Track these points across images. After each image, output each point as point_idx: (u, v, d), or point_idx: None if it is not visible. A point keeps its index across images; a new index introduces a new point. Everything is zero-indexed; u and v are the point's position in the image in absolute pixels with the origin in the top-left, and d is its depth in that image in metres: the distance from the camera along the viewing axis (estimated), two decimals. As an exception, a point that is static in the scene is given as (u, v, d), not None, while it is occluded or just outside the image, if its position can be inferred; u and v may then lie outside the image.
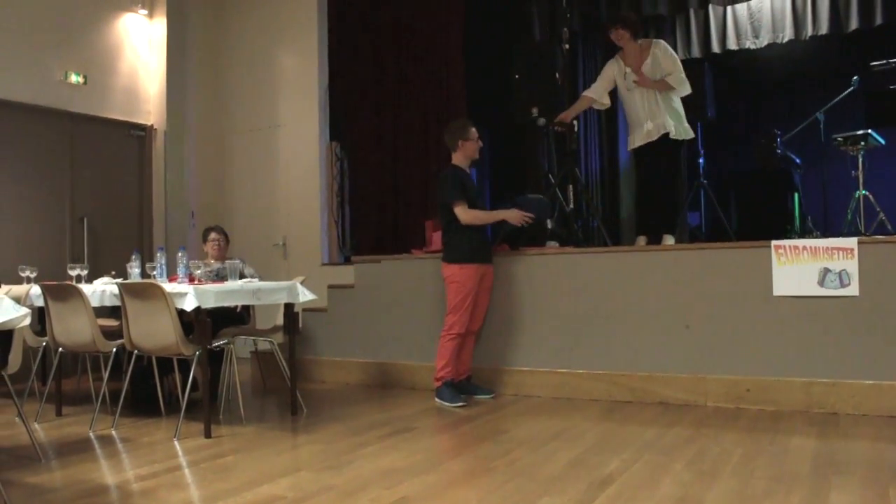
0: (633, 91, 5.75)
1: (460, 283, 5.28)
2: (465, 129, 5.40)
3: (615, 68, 5.85)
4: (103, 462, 3.91)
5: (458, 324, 5.31)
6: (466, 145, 5.39)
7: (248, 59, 8.37)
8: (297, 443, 4.38)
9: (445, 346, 5.32)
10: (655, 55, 5.69)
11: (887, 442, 3.96)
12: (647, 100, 5.70)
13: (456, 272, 5.29)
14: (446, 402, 5.26)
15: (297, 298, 5.05)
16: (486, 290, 5.48)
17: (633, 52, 5.76)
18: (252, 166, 8.35)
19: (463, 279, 5.28)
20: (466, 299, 5.29)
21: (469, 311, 5.31)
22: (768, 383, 4.84)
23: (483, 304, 5.49)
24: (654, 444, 4.00)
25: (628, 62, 5.78)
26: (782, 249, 4.85)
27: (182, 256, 4.96)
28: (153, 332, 4.52)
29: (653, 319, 5.22)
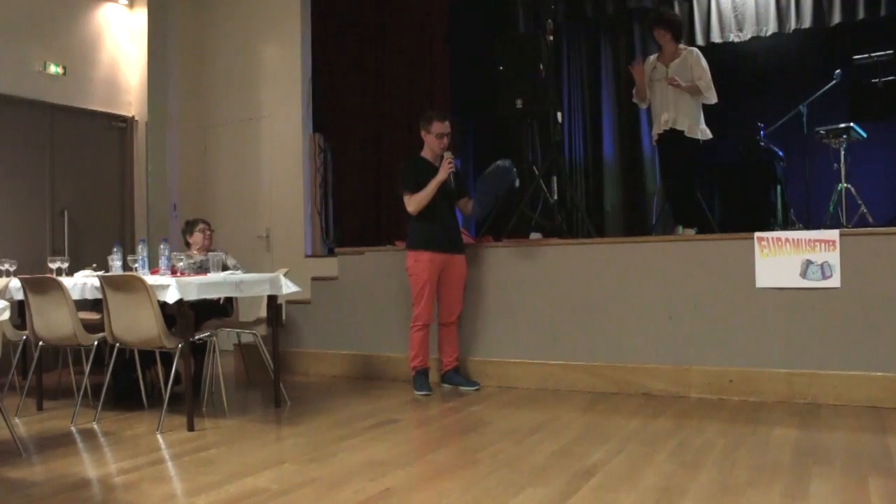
0: (656, 83, 5.99)
1: (416, 273, 5.36)
2: (428, 121, 5.43)
3: (649, 62, 6.12)
4: (85, 456, 3.90)
5: (421, 315, 5.37)
6: (428, 138, 5.43)
7: (230, 50, 8.32)
8: (281, 435, 4.38)
9: (412, 336, 5.43)
10: (686, 58, 5.93)
11: (867, 432, 4.00)
12: (666, 94, 5.92)
13: (411, 262, 5.39)
14: (415, 391, 5.39)
15: (281, 290, 5.04)
16: (453, 280, 5.46)
17: (670, 52, 6.01)
18: (235, 158, 8.31)
19: (418, 269, 5.34)
20: (424, 289, 5.34)
21: (429, 300, 5.36)
22: (751, 374, 4.88)
23: (453, 294, 5.49)
24: (638, 435, 4.02)
25: (662, 60, 6.04)
26: (765, 241, 4.89)
27: (164, 248, 4.93)
28: (135, 325, 4.50)
29: (636, 311, 5.25)
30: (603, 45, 8.52)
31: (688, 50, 6.02)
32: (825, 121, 6.42)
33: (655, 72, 6.02)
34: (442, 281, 5.43)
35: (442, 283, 5.44)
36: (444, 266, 5.40)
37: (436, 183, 5.30)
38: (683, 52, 5.98)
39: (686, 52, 5.99)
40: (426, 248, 5.34)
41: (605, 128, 8.49)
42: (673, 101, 5.89)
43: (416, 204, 5.33)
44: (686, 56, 5.94)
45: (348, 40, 7.89)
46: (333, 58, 7.95)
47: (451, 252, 5.44)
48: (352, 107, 7.88)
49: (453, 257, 5.46)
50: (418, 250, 5.35)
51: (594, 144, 8.54)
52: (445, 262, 5.41)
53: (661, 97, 5.96)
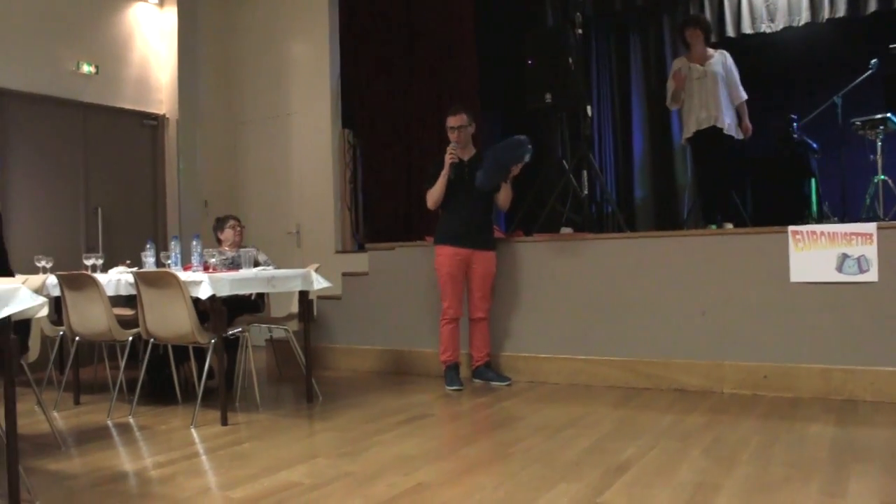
0: (693, 82, 6.03)
1: (438, 267, 5.43)
2: None
3: (680, 63, 6.16)
4: (121, 449, 3.95)
5: (448, 309, 5.42)
6: None
7: (258, 47, 8.37)
8: (314, 430, 4.40)
9: (441, 330, 5.49)
10: (721, 60, 6.05)
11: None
12: (706, 92, 5.97)
13: (435, 256, 5.46)
14: (446, 385, 5.41)
15: (312, 286, 5.07)
16: (477, 276, 5.45)
17: (700, 52, 6.09)
18: (264, 154, 8.36)
19: (439, 264, 5.41)
20: (447, 283, 5.38)
21: (455, 295, 5.39)
22: (786, 370, 4.82)
23: (478, 290, 5.47)
24: (671, 431, 4.00)
25: (694, 59, 6.10)
26: (800, 235, 4.82)
27: (196, 245, 4.97)
28: (169, 321, 4.55)
29: (669, 305, 5.21)
30: (632, 39, 8.45)
31: (720, 52, 6.12)
32: (861, 111, 6.32)
33: (692, 72, 6.05)
34: (468, 277, 5.44)
35: (468, 278, 5.45)
36: (469, 262, 5.41)
37: (444, 177, 5.36)
38: (716, 54, 6.08)
39: (719, 53, 6.10)
40: (446, 242, 5.40)
41: (634, 121, 8.43)
42: (712, 99, 5.95)
43: (429, 198, 5.45)
44: (721, 58, 6.06)
45: (376, 35, 7.90)
46: (361, 53, 7.97)
47: (474, 248, 5.42)
48: (380, 102, 7.89)
49: (478, 254, 5.44)
50: (440, 245, 5.43)
51: (624, 138, 8.48)
52: (470, 257, 5.41)
53: (699, 95, 6.00)
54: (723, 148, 6.00)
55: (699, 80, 6.01)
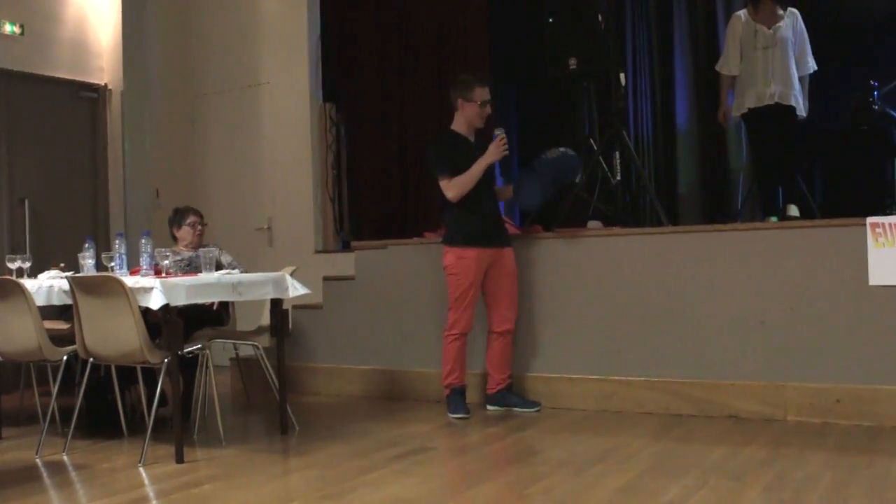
0: (758, 50, 6.01)
1: (458, 273, 5.38)
2: (468, 87, 5.44)
3: (740, 26, 6.13)
4: (53, 494, 3.95)
5: (459, 322, 5.40)
6: (466, 108, 5.44)
7: (222, 4, 8.37)
8: (288, 468, 4.40)
9: (446, 348, 5.45)
10: (792, 23, 6.04)
11: None
12: (773, 63, 5.96)
13: (452, 260, 5.40)
14: (449, 413, 5.41)
15: (287, 293, 5.06)
16: (504, 278, 5.48)
17: (768, 11, 6.06)
18: (229, 133, 8.37)
19: (461, 269, 5.37)
20: (468, 292, 5.37)
21: (471, 305, 5.40)
22: (863, 393, 4.81)
23: (506, 295, 5.50)
24: (724, 467, 3.99)
25: (760, 20, 6.06)
26: (880, 228, 4.82)
27: (146, 244, 4.97)
28: (112, 336, 4.54)
29: (720, 315, 5.20)
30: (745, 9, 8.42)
31: (790, 12, 6.10)
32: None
33: (759, 37, 6.02)
34: (490, 281, 5.45)
35: (490, 283, 5.45)
36: (491, 263, 5.42)
37: (484, 165, 5.33)
38: (785, 15, 6.06)
39: (789, 14, 6.08)
40: (472, 243, 5.36)
41: (678, 92, 8.39)
42: (780, 72, 5.94)
43: (460, 188, 5.34)
44: (792, 21, 6.05)
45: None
46: (347, 13, 7.96)
47: (498, 246, 5.46)
48: (370, 71, 7.87)
49: (501, 251, 5.47)
50: (462, 247, 5.37)
51: (665, 113, 8.44)
52: (493, 258, 5.43)
53: (763, 66, 5.99)
54: (790, 128, 6.00)
55: (765, 49, 5.98)
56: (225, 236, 7.66)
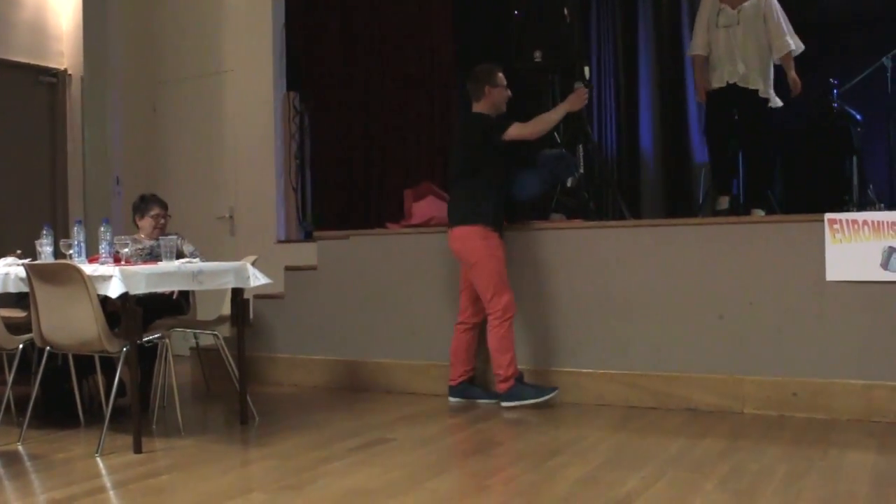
0: (720, 29, 5.99)
1: (489, 255, 5.29)
2: (491, 74, 5.52)
3: (708, 6, 6.09)
4: (7, 484, 3.91)
5: (510, 303, 5.31)
6: (494, 92, 5.51)
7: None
8: (248, 458, 4.39)
9: (505, 334, 5.29)
10: (760, 4, 5.93)
11: (961, 456, 4.01)
12: (735, 43, 5.92)
13: (478, 244, 5.29)
14: (534, 399, 5.24)
15: (248, 283, 5.04)
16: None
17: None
18: (192, 121, 8.30)
19: (490, 250, 5.31)
20: (503, 272, 5.33)
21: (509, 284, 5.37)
22: (819, 386, 4.87)
23: None
24: (681, 459, 4.03)
25: (727, 1, 6.00)
26: (838, 224, 4.87)
27: (105, 231, 4.92)
28: (69, 325, 4.50)
29: (679, 309, 5.24)
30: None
31: None
32: (915, 77, 6.39)
33: (721, 16, 6.00)
34: None
35: None
36: None
37: (563, 112, 5.48)
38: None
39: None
40: (492, 224, 5.35)
41: (642, 86, 8.45)
42: (742, 52, 5.91)
43: (542, 125, 5.43)
44: (758, 1, 5.95)
45: (331, -21, 7.86)
46: (312, 1, 7.91)
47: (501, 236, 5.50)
48: (335, 60, 7.84)
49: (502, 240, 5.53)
50: (487, 226, 5.32)
51: (629, 106, 8.50)
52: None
53: (727, 47, 5.97)
54: (753, 114, 6.01)
55: (726, 28, 5.97)
56: (186, 225, 7.58)
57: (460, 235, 5.36)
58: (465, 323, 5.54)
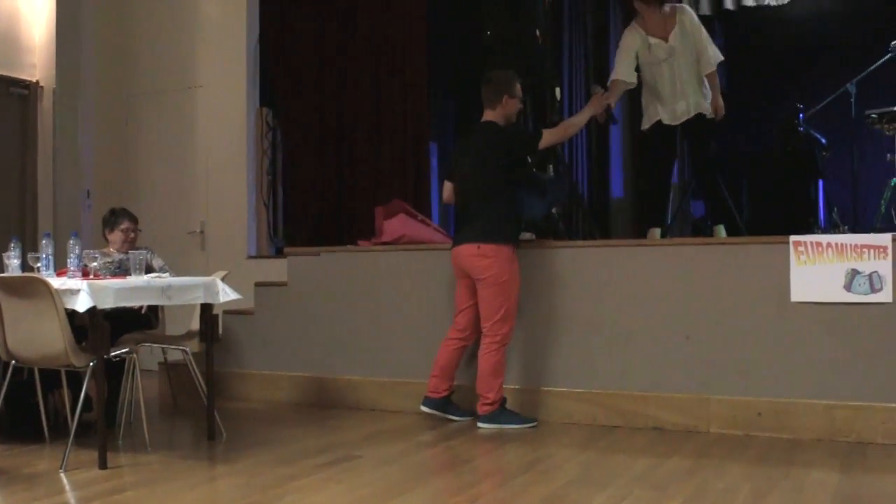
0: (661, 64, 5.94)
1: (514, 278, 5.23)
2: (511, 83, 5.44)
3: (636, 39, 5.97)
4: (-29, 497, 3.86)
5: (513, 332, 5.29)
6: (510, 103, 5.43)
7: (159, 3, 8.26)
8: (215, 474, 4.35)
9: (501, 361, 5.24)
10: (683, 23, 5.88)
11: (921, 476, 4.05)
12: (679, 75, 5.92)
13: (506, 265, 5.18)
14: (513, 425, 5.23)
15: (217, 298, 5.01)
16: None
17: (656, 19, 5.90)
18: (163, 135, 8.26)
19: (515, 273, 5.25)
20: (518, 298, 5.29)
21: None
22: (783, 406, 4.91)
23: None
24: (647, 477, 4.04)
25: (651, 31, 5.93)
26: (802, 246, 4.92)
27: (74, 245, 4.89)
28: (36, 338, 4.46)
29: (646, 328, 5.27)
30: (612, 9, 8.56)
31: (679, 9, 5.96)
32: (878, 102, 6.47)
33: (655, 49, 5.91)
34: None
35: None
36: None
37: (587, 116, 5.63)
38: (676, 16, 5.89)
39: (679, 12, 5.92)
40: (518, 243, 5.34)
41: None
42: (690, 85, 5.92)
43: (571, 127, 5.60)
44: (681, 20, 5.88)
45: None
46: (287, 17, 7.92)
47: None
48: (308, 76, 7.84)
49: None
50: (514, 246, 5.28)
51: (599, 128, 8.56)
52: None
53: (670, 81, 5.95)
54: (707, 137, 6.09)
55: (667, 61, 5.91)
56: (157, 239, 7.54)
57: (488, 254, 5.16)
58: (462, 341, 5.43)
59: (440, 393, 5.45)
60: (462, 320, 5.41)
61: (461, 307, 5.40)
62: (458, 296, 5.42)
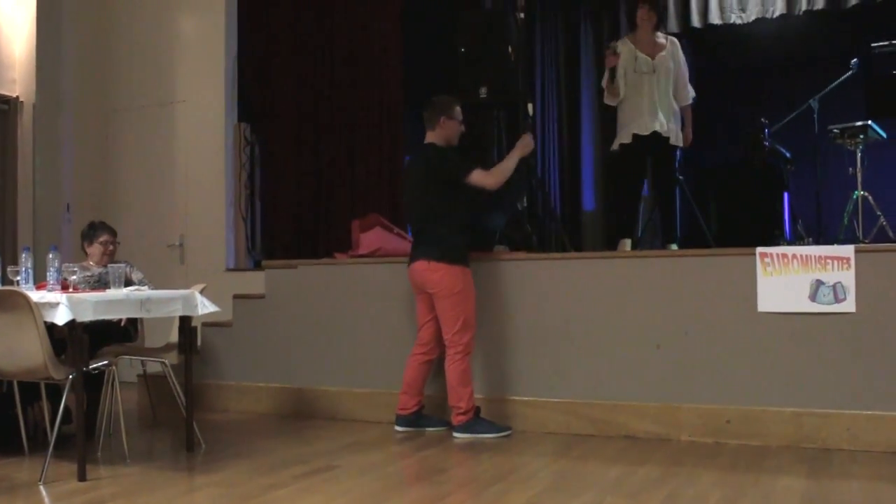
0: (642, 76, 6.08)
1: (467, 291, 5.27)
2: (449, 106, 5.48)
3: (626, 49, 6.15)
4: (-50, 510, 3.81)
5: (473, 340, 5.31)
6: (448, 125, 5.46)
7: (139, 20, 8.24)
8: (194, 485, 4.32)
9: (467, 371, 5.27)
10: (672, 52, 6.16)
11: (887, 481, 4.08)
12: (656, 92, 6.06)
13: (459, 279, 5.24)
14: (488, 434, 5.23)
15: (196, 310, 4.99)
16: None
17: (649, 38, 6.18)
18: (142, 150, 8.22)
19: (468, 287, 5.29)
20: (475, 309, 5.31)
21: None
22: (752, 414, 4.94)
23: None
24: (620, 485, 4.05)
25: (641, 47, 6.15)
26: (769, 258, 4.96)
27: (53, 258, 4.85)
28: (15, 352, 4.41)
29: (618, 339, 5.29)
30: (583, 26, 8.61)
31: (671, 40, 6.27)
32: (840, 118, 6.55)
33: (640, 62, 6.10)
34: None
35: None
36: None
37: (517, 158, 5.45)
38: (667, 43, 6.19)
39: (670, 42, 6.22)
40: (467, 263, 5.33)
41: (584, 122, 8.57)
42: (665, 103, 6.09)
43: (502, 175, 5.39)
44: (672, 49, 6.17)
45: (283, 13, 7.87)
46: (265, 34, 7.92)
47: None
48: (286, 93, 7.85)
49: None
50: (463, 266, 5.29)
51: (571, 142, 8.62)
52: None
53: (648, 95, 6.08)
54: (672, 161, 6.24)
55: (648, 74, 6.09)
56: (137, 252, 7.51)
57: (438, 269, 5.22)
58: (426, 355, 5.44)
59: (409, 409, 5.47)
60: (424, 335, 5.44)
61: (422, 322, 5.44)
62: (419, 311, 5.46)
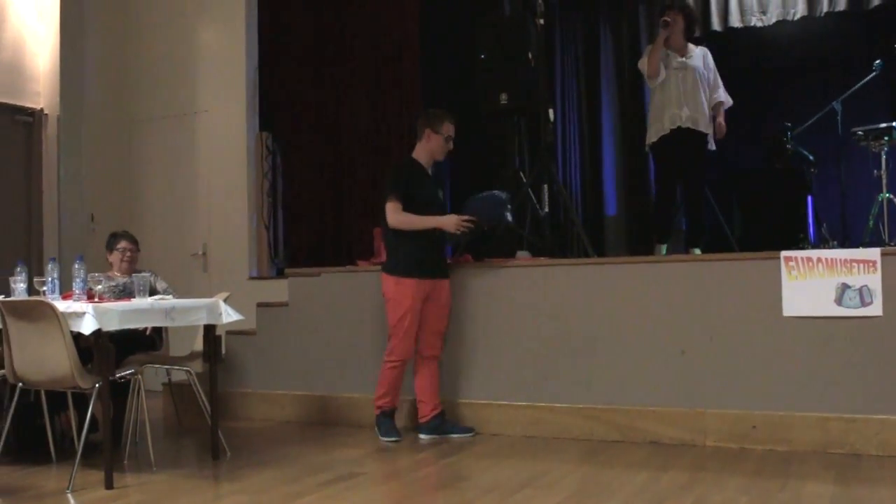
0: (672, 71, 6.17)
1: (396, 300, 5.36)
2: (437, 120, 5.47)
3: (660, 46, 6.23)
4: (-21, 519, 3.84)
5: (397, 349, 5.39)
6: (433, 139, 5.46)
7: (161, 32, 8.29)
8: (220, 493, 4.33)
9: (385, 372, 5.44)
10: (703, 55, 6.27)
11: (915, 487, 4.04)
12: (684, 87, 6.13)
13: (391, 287, 5.39)
14: (380, 436, 5.41)
15: (220, 319, 5.01)
16: (438, 308, 5.50)
17: (680, 41, 6.25)
18: (165, 160, 8.27)
19: (399, 296, 5.35)
20: (404, 320, 5.34)
21: (410, 333, 5.37)
22: (778, 419, 4.90)
23: (437, 325, 5.52)
24: (645, 491, 4.03)
25: (671, 48, 6.24)
26: (793, 262, 4.93)
27: (79, 268, 4.89)
28: (42, 361, 4.44)
29: (642, 344, 5.26)
30: (603, 31, 8.59)
31: (701, 48, 6.33)
32: (863, 120, 6.50)
33: (670, 59, 6.19)
34: (425, 309, 5.43)
35: (425, 311, 5.43)
36: (429, 293, 5.42)
37: (435, 224, 5.37)
38: (696, 49, 6.27)
39: (700, 49, 6.29)
40: (413, 275, 5.34)
41: (604, 128, 8.55)
42: (694, 97, 6.10)
43: (404, 224, 5.34)
44: (703, 54, 6.26)
45: (303, 24, 7.89)
46: (285, 44, 7.95)
47: (438, 277, 5.48)
48: (306, 102, 7.87)
49: (440, 282, 5.50)
50: (402, 276, 5.35)
51: (592, 147, 8.59)
52: (432, 288, 5.43)
53: (676, 90, 6.14)
54: (703, 157, 6.16)
55: (677, 70, 6.16)
56: (160, 262, 7.55)
57: (383, 278, 5.46)
58: (421, 356, 5.53)
59: (427, 415, 5.53)
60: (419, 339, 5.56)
61: None
62: None
